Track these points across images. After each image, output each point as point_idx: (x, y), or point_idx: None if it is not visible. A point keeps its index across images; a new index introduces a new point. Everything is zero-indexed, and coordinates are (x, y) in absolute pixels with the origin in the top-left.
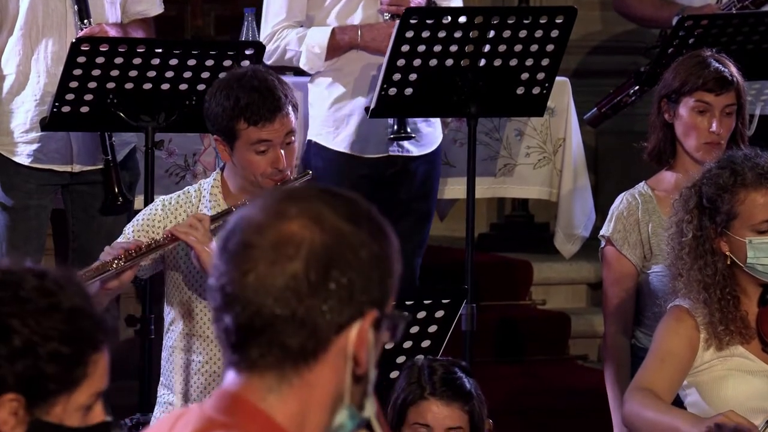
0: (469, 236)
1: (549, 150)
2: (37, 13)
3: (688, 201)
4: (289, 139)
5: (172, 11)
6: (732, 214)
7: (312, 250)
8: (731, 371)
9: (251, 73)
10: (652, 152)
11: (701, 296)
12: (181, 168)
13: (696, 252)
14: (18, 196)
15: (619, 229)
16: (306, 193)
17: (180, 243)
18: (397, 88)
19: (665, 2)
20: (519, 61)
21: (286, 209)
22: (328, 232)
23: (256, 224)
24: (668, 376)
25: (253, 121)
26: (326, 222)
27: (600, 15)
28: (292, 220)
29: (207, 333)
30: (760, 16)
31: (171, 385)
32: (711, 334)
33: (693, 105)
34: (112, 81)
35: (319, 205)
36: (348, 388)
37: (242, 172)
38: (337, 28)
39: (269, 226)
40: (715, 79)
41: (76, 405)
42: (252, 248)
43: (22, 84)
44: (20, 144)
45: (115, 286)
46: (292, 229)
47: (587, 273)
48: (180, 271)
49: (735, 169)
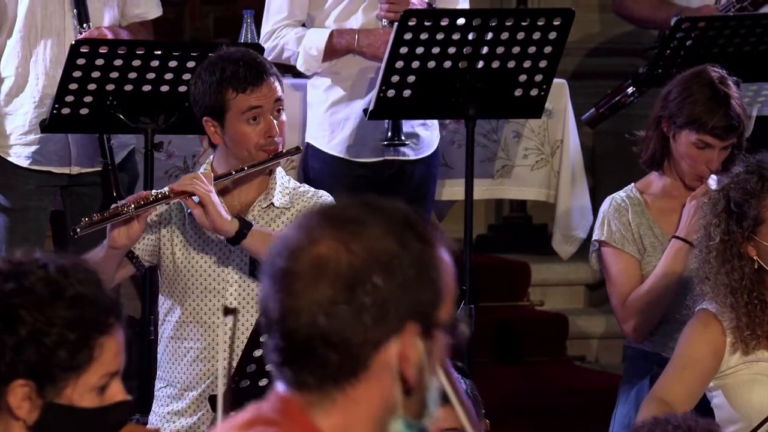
0: (467, 237)
1: (547, 152)
2: (36, 15)
3: (716, 205)
4: (278, 106)
5: (171, 13)
6: (759, 218)
7: (339, 271)
8: (758, 376)
9: (233, 49)
10: (647, 161)
11: (728, 300)
12: (180, 169)
13: (723, 256)
14: (17, 198)
15: (615, 229)
16: (339, 212)
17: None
18: (395, 90)
19: (663, 3)
20: (517, 62)
21: (316, 231)
22: (356, 252)
23: (291, 249)
24: (688, 384)
25: (241, 88)
26: (354, 241)
27: (598, 17)
28: (321, 242)
29: (204, 318)
30: (757, 18)
31: (168, 377)
32: (737, 339)
33: (695, 141)
34: (111, 83)
35: (350, 224)
36: (399, 401)
37: (235, 150)
38: (336, 32)
39: (302, 249)
40: (723, 127)
41: (87, 386)
42: (288, 272)
43: (21, 86)
44: (19, 146)
45: (123, 242)
46: (321, 251)
47: (585, 274)
48: (175, 254)
49: (763, 174)
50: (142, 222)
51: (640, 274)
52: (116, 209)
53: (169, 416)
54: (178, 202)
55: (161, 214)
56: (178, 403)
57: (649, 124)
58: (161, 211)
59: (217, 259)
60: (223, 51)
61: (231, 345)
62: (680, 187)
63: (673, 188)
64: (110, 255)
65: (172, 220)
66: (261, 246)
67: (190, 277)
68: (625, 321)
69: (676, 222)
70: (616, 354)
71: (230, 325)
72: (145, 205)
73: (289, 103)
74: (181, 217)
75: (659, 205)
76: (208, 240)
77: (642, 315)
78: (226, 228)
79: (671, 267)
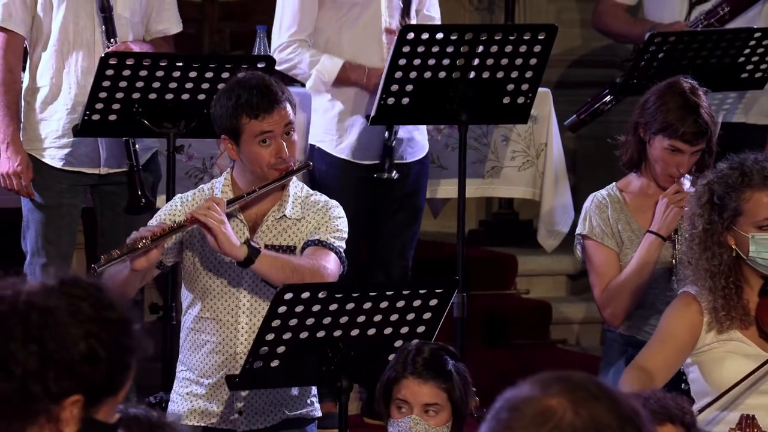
0: (460, 232)
1: (532, 154)
2: (69, 31)
3: (700, 197)
4: (288, 129)
5: (191, 29)
6: (738, 211)
7: (560, 426)
8: (729, 353)
9: (249, 75)
10: (627, 163)
11: (707, 284)
12: (199, 170)
13: (705, 244)
14: (51, 196)
15: (595, 224)
16: (577, 380)
17: (196, 228)
18: (395, 97)
19: (637, 19)
20: (505, 73)
21: (553, 388)
22: (582, 417)
23: (525, 395)
24: (666, 356)
25: (254, 114)
26: (584, 408)
27: (579, 32)
28: (554, 396)
29: (220, 317)
30: (722, 34)
31: (188, 362)
32: (713, 318)
33: (668, 146)
34: (137, 92)
35: (585, 392)
36: None
37: (250, 167)
38: (348, 64)
39: (534, 397)
40: (693, 133)
41: (114, 406)
42: (514, 412)
43: (55, 95)
44: (53, 149)
45: (143, 265)
46: (552, 403)
47: (567, 265)
48: (196, 257)
49: (744, 170)
50: (160, 249)
51: (618, 265)
52: (133, 243)
53: (188, 396)
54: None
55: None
56: (196, 387)
57: (628, 129)
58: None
59: (232, 265)
60: (241, 77)
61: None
62: (655, 186)
63: (649, 188)
64: (133, 274)
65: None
66: (269, 269)
67: (209, 279)
68: (604, 308)
69: (652, 217)
70: (595, 337)
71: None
72: (160, 237)
73: (297, 109)
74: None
75: (637, 203)
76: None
77: (620, 302)
78: (235, 254)
79: (646, 258)
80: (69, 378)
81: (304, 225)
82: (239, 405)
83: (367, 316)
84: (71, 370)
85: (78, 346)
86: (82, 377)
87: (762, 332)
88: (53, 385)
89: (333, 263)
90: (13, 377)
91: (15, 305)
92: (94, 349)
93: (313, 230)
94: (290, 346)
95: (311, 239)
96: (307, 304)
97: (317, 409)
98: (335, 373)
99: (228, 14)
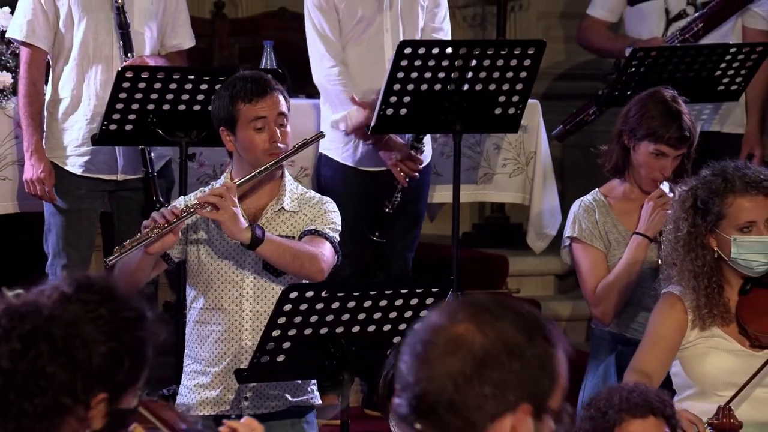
0: (455, 235)
1: (522, 161)
2: (89, 46)
3: (685, 202)
4: (281, 120)
5: (203, 44)
6: (721, 214)
7: (471, 349)
8: (711, 349)
9: (244, 69)
10: (611, 170)
11: (691, 283)
12: (209, 177)
13: (689, 246)
14: (71, 201)
15: (584, 227)
16: (480, 302)
17: (200, 221)
18: (393, 108)
19: (618, 36)
20: (497, 86)
21: (458, 314)
22: (490, 338)
23: (434, 326)
24: (660, 357)
25: (248, 99)
26: (491, 329)
27: (564, 47)
28: (461, 323)
29: (224, 306)
30: (699, 49)
31: (195, 355)
32: (697, 316)
33: (652, 150)
34: (151, 103)
35: (488, 314)
36: None
37: (245, 156)
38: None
39: (443, 327)
40: (677, 138)
41: (135, 392)
42: (427, 344)
43: (75, 106)
44: (74, 156)
45: (157, 249)
46: (459, 330)
47: (555, 266)
48: (200, 251)
49: (726, 177)
50: (176, 234)
51: (606, 265)
52: (148, 232)
53: (195, 389)
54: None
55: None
56: (203, 378)
57: (612, 138)
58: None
59: (235, 255)
60: (236, 74)
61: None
62: (638, 191)
63: (632, 192)
64: (146, 258)
65: (197, 221)
66: (273, 253)
67: (213, 270)
68: (595, 306)
69: (636, 220)
70: (581, 334)
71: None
72: (173, 223)
73: (305, 119)
74: (204, 218)
75: (621, 207)
76: (228, 238)
77: (610, 300)
78: (243, 236)
79: (633, 258)
80: (96, 382)
81: (301, 218)
82: (248, 393)
83: (367, 314)
84: (98, 375)
85: (101, 351)
86: (108, 379)
87: (741, 329)
88: (82, 393)
89: (328, 251)
90: (46, 393)
91: (36, 323)
92: (116, 350)
93: (309, 222)
94: (295, 342)
95: (308, 229)
96: (310, 303)
97: (317, 397)
98: (337, 367)
99: (237, 30)
